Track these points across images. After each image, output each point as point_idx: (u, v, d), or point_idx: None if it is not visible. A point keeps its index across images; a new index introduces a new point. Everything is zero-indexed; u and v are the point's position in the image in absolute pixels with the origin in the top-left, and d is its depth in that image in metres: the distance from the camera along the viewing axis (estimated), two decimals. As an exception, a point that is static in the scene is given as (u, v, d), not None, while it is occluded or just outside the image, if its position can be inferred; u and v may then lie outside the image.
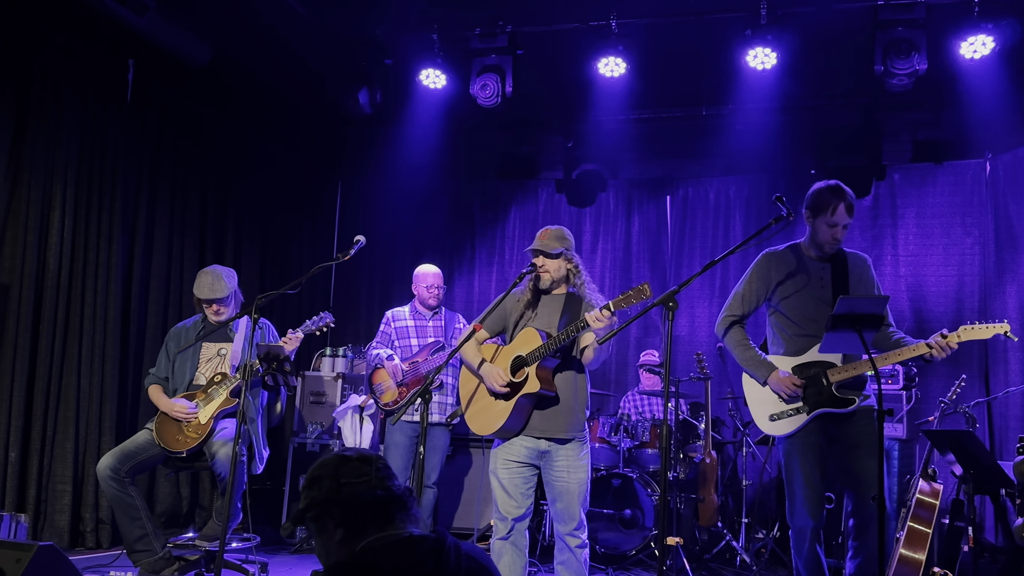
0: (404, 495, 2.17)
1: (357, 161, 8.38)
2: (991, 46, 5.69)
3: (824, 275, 3.97)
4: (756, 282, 4.06)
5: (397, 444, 5.58)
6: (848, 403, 3.79)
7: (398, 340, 5.74)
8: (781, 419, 3.92)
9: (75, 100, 5.86)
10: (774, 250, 4.10)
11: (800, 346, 3.95)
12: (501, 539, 4.00)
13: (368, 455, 2.22)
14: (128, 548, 4.75)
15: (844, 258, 4.00)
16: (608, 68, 6.29)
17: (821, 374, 3.85)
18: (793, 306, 3.97)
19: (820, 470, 3.85)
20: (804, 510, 3.82)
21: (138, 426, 6.06)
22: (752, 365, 4.01)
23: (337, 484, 2.13)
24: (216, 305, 5.03)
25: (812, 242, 4.00)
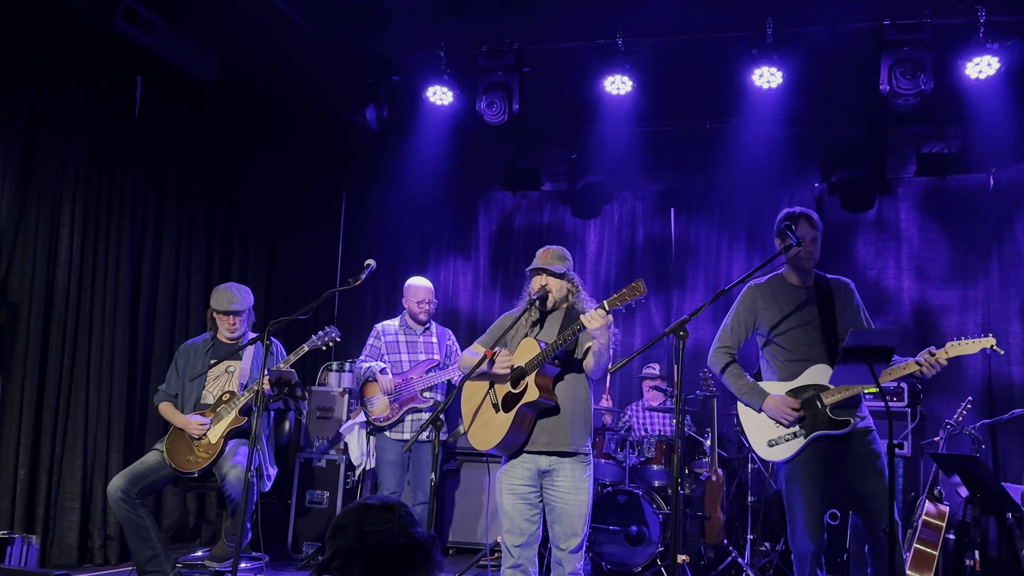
0: (427, 542, 2.19)
1: (362, 172, 8.39)
2: (996, 67, 5.72)
3: (809, 300, 4.09)
4: (743, 313, 4.20)
5: (389, 463, 5.56)
6: (844, 424, 3.86)
7: (388, 355, 5.70)
8: (779, 444, 3.97)
9: (84, 118, 5.88)
10: (757, 282, 4.22)
11: (793, 371, 4.03)
12: (511, 567, 4.01)
13: (391, 502, 2.23)
14: (139, 569, 4.78)
15: (827, 284, 4.14)
16: (615, 86, 6.31)
17: (815, 397, 3.92)
18: (783, 333, 4.07)
19: (820, 493, 3.90)
20: (805, 535, 3.85)
21: (146, 442, 6.10)
22: (746, 393, 4.09)
23: (361, 533, 2.15)
24: (233, 317, 5.08)
25: (791, 267, 4.15)
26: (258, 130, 7.31)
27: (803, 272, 4.14)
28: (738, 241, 7.62)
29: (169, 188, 6.54)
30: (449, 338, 5.83)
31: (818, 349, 4.01)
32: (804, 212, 4.13)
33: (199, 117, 6.76)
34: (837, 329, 4.02)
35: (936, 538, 4.80)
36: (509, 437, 3.94)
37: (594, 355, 3.92)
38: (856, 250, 7.30)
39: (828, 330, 4.02)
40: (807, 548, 3.85)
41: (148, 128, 6.32)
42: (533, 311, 4.15)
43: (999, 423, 5.66)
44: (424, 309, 5.69)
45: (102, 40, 5.78)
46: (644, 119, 7.30)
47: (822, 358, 3.99)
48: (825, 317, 4.02)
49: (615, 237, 8.00)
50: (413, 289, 5.72)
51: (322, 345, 4.87)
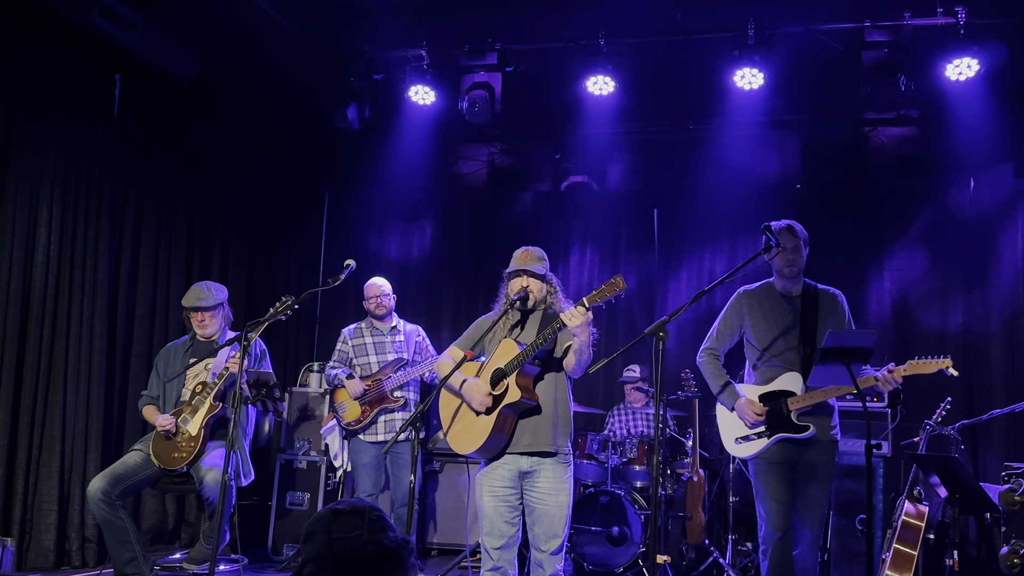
0: (398, 548, 2.16)
1: (345, 173, 8.35)
2: (976, 68, 5.74)
3: (794, 310, 4.29)
4: (730, 318, 4.45)
5: (364, 465, 5.60)
6: (804, 429, 4.12)
7: (356, 358, 5.75)
8: (746, 442, 4.27)
9: (61, 116, 5.82)
10: (748, 289, 4.47)
11: (768, 376, 4.28)
12: (490, 570, 3.99)
13: (362, 507, 2.19)
14: (117, 571, 4.73)
15: (816, 295, 4.32)
16: (597, 86, 6.31)
17: (782, 402, 4.17)
18: (763, 338, 4.31)
19: (784, 485, 4.19)
20: (770, 522, 4.17)
21: (124, 444, 6.04)
22: (722, 393, 4.38)
23: (329, 540, 2.11)
24: (200, 314, 5.03)
25: (776, 274, 4.37)
26: (239, 130, 7.25)
27: (789, 280, 4.31)
28: (721, 242, 7.63)
29: (148, 188, 6.48)
30: (419, 335, 5.83)
31: (793, 357, 4.23)
32: (787, 222, 4.29)
33: (179, 116, 6.70)
34: (816, 339, 4.18)
35: (916, 538, 4.81)
36: (491, 440, 3.92)
37: (575, 353, 3.90)
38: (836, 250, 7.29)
39: (806, 340, 4.21)
40: (771, 534, 4.17)
41: (127, 127, 6.27)
42: (513, 313, 4.13)
43: (978, 424, 5.68)
44: (376, 304, 5.76)
45: (80, 38, 5.72)
46: (627, 120, 7.31)
47: (796, 366, 4.21)
48: (805, 327, 4.22)
49: (598, 237, 8.00)
50: (366, 287, 5.86)
51: (282, 316, 4.77)
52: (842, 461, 5.82)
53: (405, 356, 5.69)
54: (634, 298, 7.77)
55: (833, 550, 5.73)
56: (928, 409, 5.39)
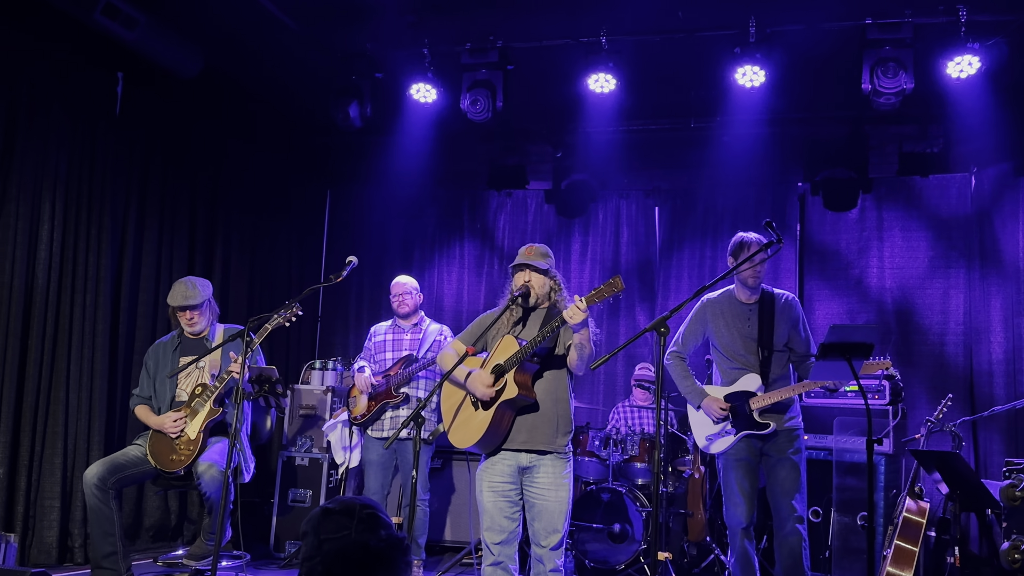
0: (387, 549, 2.14)
1: (346, 170, 8.37)
2: (977, 66, 5.74)
3: (752, 316, 4.67)
4: (694, 325, 4.82)
5: (372, 462, 5.61)
6: (765, 426, 4.52)
7: (375, 354, 5.80)
8: (715, 440, 4.66)
9: (64, 113, 5.84)
10: (709, 297, 4.82)
11: (732, 377, 4.67)
12: (491, 565, 4.01)
13: (352, 506, 2.17)
14: (94, 563, 4.72)
15: (772, 300, 4.70)
16: (598, 84, 6.31)
17: (745, 402, 4.56)
18: (725, 344, 4.70)
19: (750, 479, 4.59)
20: (736, 513, 4.57)
21: (126, 441, 6.04)
22: (688, 393, 4.76)
23: (318, 540, 2.11)
24: (189, 312, 5.02)
25: (740, 284, 4.70)
26: (241, 127, 7.27)
27: (751, 289, 4.69)
28: (722, 240, 7.61)
29: (151, 185, 6.50)
30: (441, 334, 5.78)
31: (752, 359, 4.62)
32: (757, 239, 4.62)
33: (181, 114, 6.71)
34: (772, 342, 4.62)
35: (917, 535, 4.82)
36: (488, 435, 3.95)
37: (576, 348, 3.93)
38: (838, 249, 7.33)
39: (764, 342, 4.61)
40: (738, 523, 4.57)
41: (129, 124, 6.28)
42: (515, 309, 4.15)
43: (980, 420, 5.69)
44: (400, 302, 5.74)
45: (83, 35, 5.73)
46: (628, 118, 7.31)
47: (755, 368, 4.61)
48: (763, 331, 4.62)
49: (600, 236, 8.00)
50: (391, 285, 5.83)
51: (284, 321, 4.79)
52: (843, 459, 5.84)
53: (414, 354, 5.68)
54: (635, 296, 7.78)
55: (835, 547, 5.74)
56: (929, 406, 5.40)
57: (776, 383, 4.60)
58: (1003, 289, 6.65)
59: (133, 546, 6.02)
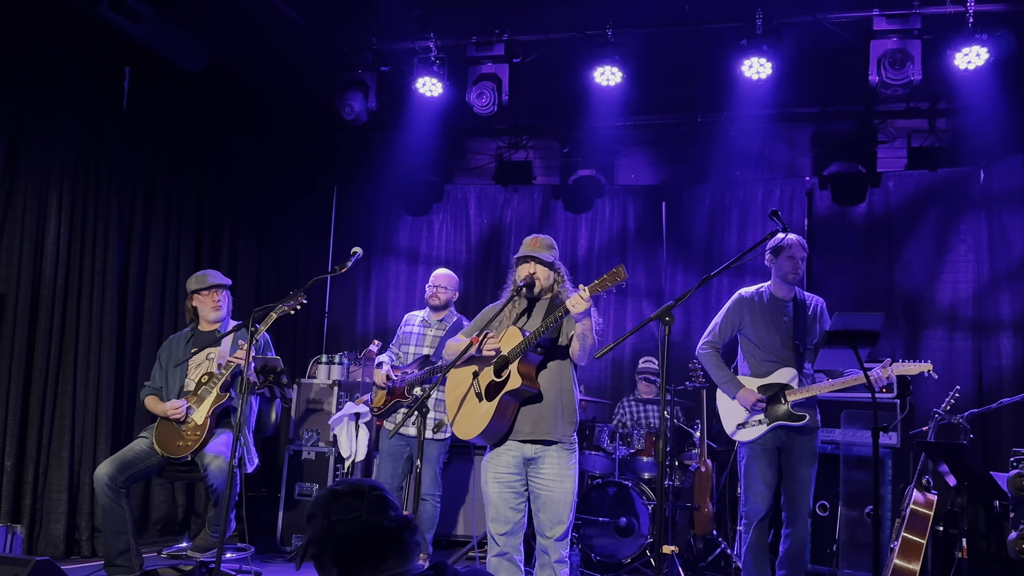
0: (398, 529, 2.14)
1: (353, 166, 8.38)
2: (985, 57, 5.70)
3: (787, 312, 4.88)
4: (731, 318, 4.99)
5: (384, 452, 5.67)
6: (800, 419, 4.68)
7: (401, 344, 5.83)
8: (746, 428, 4.81)
9: (71, 108, 5.85)
10: (746, 293, 5.01)
11: (765, 370, 4.84)
12: (496, 556, 4.01)
13: (361, 487, 2.18)
14: (107, 560, 4.73)
15: (805, 300, 4.94)
16: (604, 77, 6.29)
17: (780, 394, 4.73)
18: (760, 338, 4.87)
19: (773, 470, 4.76)
20: (757, 501, 4.73)
21: (133, 434, 6.03)
22: (724, 383, 4.91)
23: (328, 522, 2.11)
24: (216, 293, 5.04)
25: (778, 279, 4.89)
26: (248, 121, 7.28)
27: (788, 286, 4.89)
28: (729, 234, 7.61)
29: (158, 179, 6.51)
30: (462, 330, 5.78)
31: (789, 354, 4.81)
32: (798, 238, 4.87)
33: (188, 108, 6.73)
34: (807, 340, 4.83)
35: (924, 527, 4.78)
36: (492, 426, 3.94)
37: (579, 338, 3.92)
38: (847, 244, 7.29)
39: (799, 339, 4.81)
40: (757, 511, 4.73)
41: (136, 119, 6.29)
42: (520, 300, 4.14)
43: (988, 413, 5.65)
44: (432, 294, 5.77)
45: (89, 30, 5.75)
46: (635, 112, 7.29)
47: (791, 363, 4.79)
48: (799, 329, 4.82)
49: (607, 231, 7.99)
50: (431, 276, 5.88)
51: (290, 309, 4.78)
52: (850, 452, 5.81)
53: (431, 356, 5.69)
54: (642, 291, 7.76)
55: (842, 541, 5.71)
56: (937, 399, 5.36)
57: (804, 379, 4.80)
58: (1012, 282, 6.60)
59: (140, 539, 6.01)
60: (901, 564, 4.73)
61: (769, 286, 4.95)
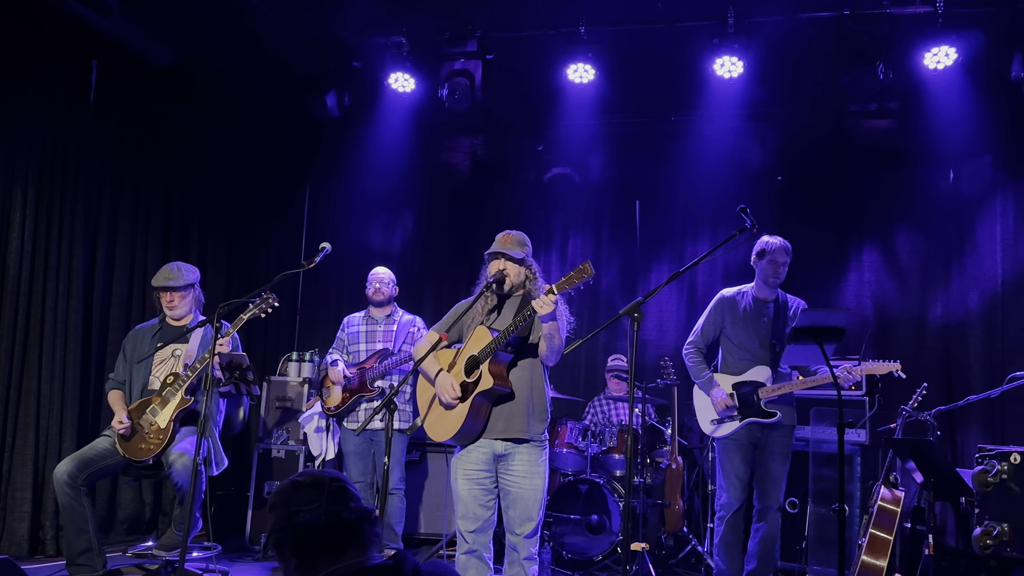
0: (357, 520, 2.13)
1: (326, 163, 8.30)
2: (954, 57, 5.75)
3: (767, 313, 5.01)
4: (714, 317, 5.14)
5: (350, 453, 5.68)
6: (771, 415, 4.83)
7: (349, 345, 5.84)
8: (721, 423, 4.97)
9: (37, 101, 5.77)
10: (727, 293, 5.16)
11: (741, 368, 4.99)
12: (465, 553, 3.99)
13: (322, 478, 2.17)
14: (69, 560, 4.66)
15: (786, 302, 5.08)
16: (577, 74, 6.29)
17: (754, 391, 4.88)
18: (739, 337, 5.02)
19: (746, 464, 4.92)
20: (729, 496, 4.88)
21: (99, 432, 5.97)
22: (703, 382, 5.07)
23: (288, 512, 2.11)
24: (169, 294, 4.95)
25: (760, 281, 5.03)
26: (218, 117, 7.19)
27: (770, 289, 5.03)
28: (702, 233, 7.63)
29: (126, 174, 6.43)
30: (414, 326, 5.79)
31: (764, 354, 4.95)
32: (782, 243, 5.00)
33: (157, 103, 6.63)
34: (783, 340, 4.94)
35: (892, 523, 4.82)
36: (465, 427, 3.93)
37: (546, 339, 3.91)
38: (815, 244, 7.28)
39: (777, 339, 4.96)
40: (731, 504, 4.88)
41: (104, 113, 6.21)
42: (490, 296, 4.13)
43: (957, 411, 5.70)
44: (373, 291, 5.78)
45: (55, 22, 5.67)
46: (609, 111, 7.28)
47: (767, 361, 4.94)
48: (776, 329, 4.96)
49: (580, 229, 7.99)
50: (369, 274, 5.87)
51: (260, 312, 4.74)
52: (819, 449, 5.84)
53: (390, 347, 5.67)
54: (616, 289, 7.77)
55: (811, 537, 5.74)
56: (907, 396, 5.40)
57: (780, 376, 4.96)
58: (980, 282, 6.66)
59: (107, 539, 5.96)
60: (869, 560, 4.76)
61: (752, 287, 5.10)
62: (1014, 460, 3.70)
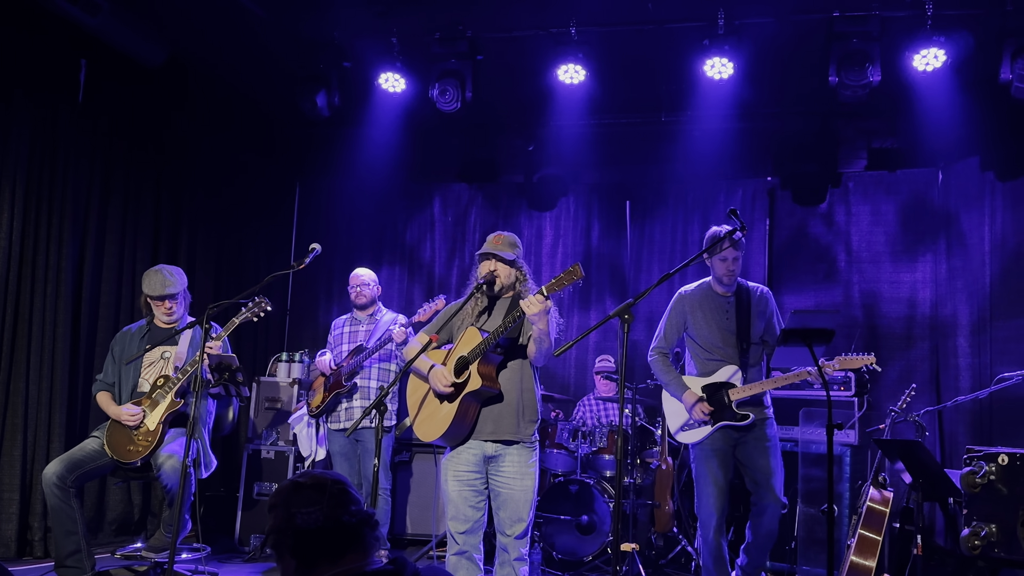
0: (358, 524, 2.13)
1: (316, 163, 8.28)
2: (943, 59, 5.78)
3: (729, 308, 4.75)
4: (674, 318, 4.87)
5: (337, 454, 5.77)
6: (744, 418, 4.58)
7: (334, 347, 5.93)
8: (691, 429, 4.70)
9: (25, 100, 5.73)
10: (686, 290, 4.90)
11: (709, 368, 4.73)
12: (456, 554, 4.00)
13: (323, 480, 2.17)
14: (58, 562, 4.64)
15: (747, 294, 4.78)
16: (568, 75, 6.29)
17: (724, 393, 4.62)
18: (703, 335, 4.75)
19: (724, 470, 4.63)
20: (709, 505, 4.60)
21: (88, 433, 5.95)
22: (672, 386, 4.80)
23: (288, 513, 2.10)
24: (168, 302, 4.95)
25: (715, 279, 4.77)
26: (208, 117, 7.17)
27: (725, 285, 4.76)
28: (692, 233, 7.64)
29: (115, 174, 6.40)
30: (395, 323, 5.79)
31: (732, 352, 4.69)
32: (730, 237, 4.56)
33: (146, 102, 6.60)
34: (750, 335, 4.71)
35: (880, 524, 4.83)
36: (453, 427, 3.94)
37: (535, 341, 3.92)
38: (807, 244, 7.35)
39: (742, 335, 4.70)
40: (710, 517, 4.59)
41: (93, 113, 6.18)
42: (481, 298, 4.13)
43: (945, 411, 5.72)
44: (356, 293, 5.86)
45: (44, 20, 5.64)
46: (599, 112, 7.29)
47: (734, 360, 4.68)
48: (741, 324, 4.70)
49: (571, 230, 7.99)
50: (350, 277, 5.96)
51: (252, 316, 4.74)
52: (809, 450, 5.85)
53: (363, 343, 5.72)
54: (606, 289, 7.78)
55: (800, 537, 5.75)
56: (896, 398, 5.42)
57: (751, 375, 4.69)
58: (968, 282, 6.69)
59: (95, 540, 5.93)
60: (857, 561, 4.78)
61: (709, 282, 4.84)
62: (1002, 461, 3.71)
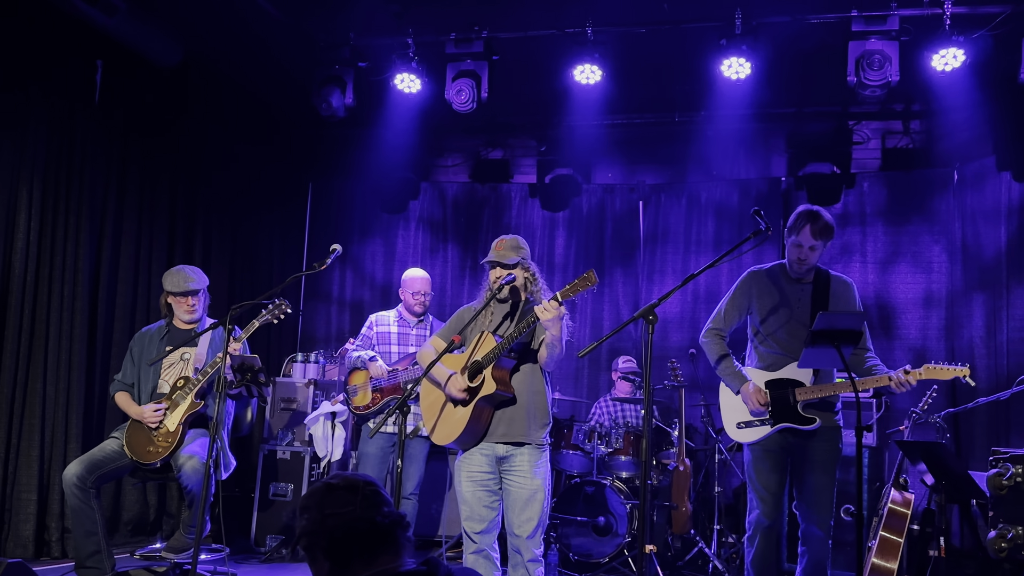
0: (391, 525, 2.13)
1: (329, 163, 8.28)
2: (962, 59, 5.76)
3: (804, 296, 4.16)
4: (739, 298, 4.29)
5: (370, 455, 5.44)
6: (810, 422, 4.04)
7: (378, 346, 5.56)
8: (748, 427, 4.18)
9: (42, 100, 5.74)
10: (759, 269, 4.32)
11: (771, 361, 4.19)
12: (473, 553, 4.03)
13: (356, 482, 2.16)
14: (78, 563, 4.63)
15: (827, 280, 4.19)
16: (584, 75, 6.29)
17: (790, 392, 4.08)
18: (770, 324, 4.19)
19: (778, 475, 4.14)
20: (760, 508, 4.14)
21: (104, 433, 5.95)
22: (727, 375, 4.25)
23: (322, 515, 2.10)
24: (191, 298, 4.93)
25: (788, 262, 4.21)
26: (222, 117, 7.16)
27: (798, 272, 4.18)
28: (706, 234, 7.63)
29: (130, 174, 6.40)
30: None
31: (800, 347, 4.00)
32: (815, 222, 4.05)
33: (162, 103, 6.61)
34: None
35: (902, 526, 4.82)
36: (467, 431, 3.97)
37: (547, 347, 3.94)
38: (821, 243, 7.32)
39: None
40: (761, 521, 4.14)
41: (109, 113, 6.18)
42: (495, 303, 4.15)
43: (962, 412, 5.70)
44: (420, 301, 5.52)
45: (62, 21, 5.64)
46: (613, 111, 7.29)
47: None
48: (815, 314, 3.92)
49: (584, 230, 7.98)
50: (409, 281, 5.56)
51: (272, 318, 4.71)
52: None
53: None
54: (619, 290, 7.76)
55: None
56: (912, 399, 5.40)
57: (823, 375, 4.12)
58: (984, 284, 6.67)
59: (111, 540, 5.92)
60: (879, 563, 4.76)
61: (785, 263, 4.26)
62: (1028, 463, 3.69)
